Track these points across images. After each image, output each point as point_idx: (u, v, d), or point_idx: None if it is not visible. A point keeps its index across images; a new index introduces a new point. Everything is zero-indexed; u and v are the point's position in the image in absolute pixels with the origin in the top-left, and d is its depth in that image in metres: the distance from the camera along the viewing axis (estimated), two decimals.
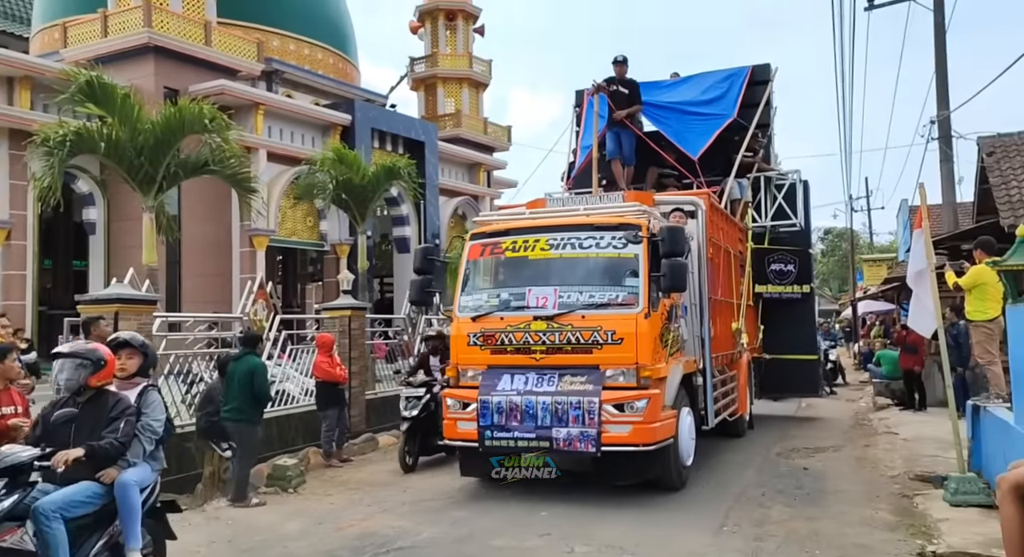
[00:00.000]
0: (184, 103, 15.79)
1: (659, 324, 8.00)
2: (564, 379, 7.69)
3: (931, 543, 5.79)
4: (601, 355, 7.69)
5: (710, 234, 9.52)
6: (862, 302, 25.63)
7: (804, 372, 12.95)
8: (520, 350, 7.85)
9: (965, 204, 19.04)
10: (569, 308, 7.79)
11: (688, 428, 8.41)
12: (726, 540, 6.26)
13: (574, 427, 7.51)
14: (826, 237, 45.18)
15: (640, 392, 7.58)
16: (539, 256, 8.11)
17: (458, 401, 7.93)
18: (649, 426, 7.53)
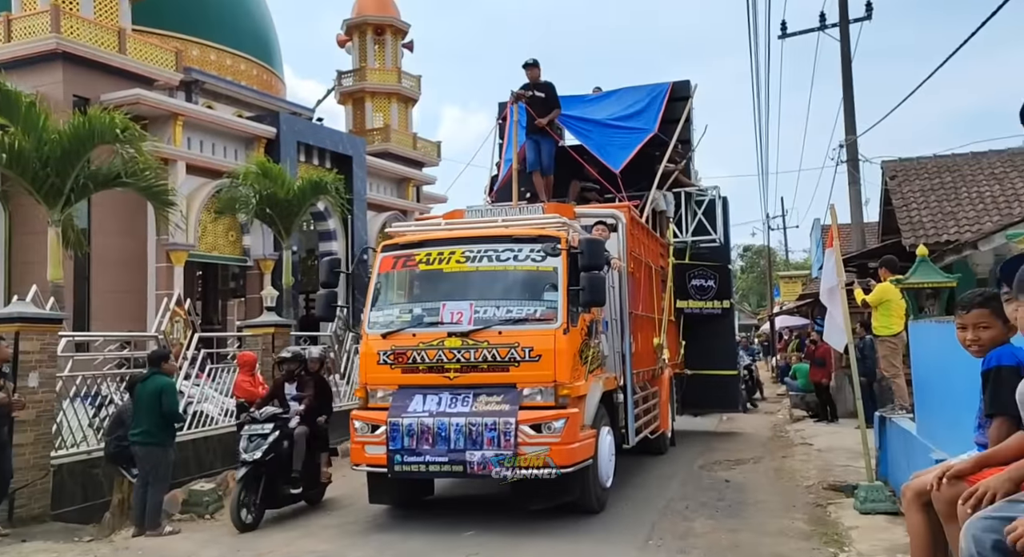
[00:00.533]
0: (94, 112, 14.91)
1: (578, 340, 7.59)
2: (479, 399, 7.20)
3: (842, 551, 5.89)
4: (518, 373, 7.24)
5: (631, 248, 9.18)
6: (779, 317, 26.04)
7: (724, 387, 12.75)
8: (433, 369, 7.33)
9: (872, 224, 19.69)
10: (485, 324, 7.32)
11: (608, 448, 8.00)
12: (651, 554, 6.26)
13: (489, 449, 7.02)
14: (745, 254, 45.96)
15: (558, 411, 7.15)
16: (454, 269, 7.61)
17: (366, 423, 7.35)
18: (567, 447, 7.09)
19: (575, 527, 7.13)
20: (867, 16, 17.22)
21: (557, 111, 10.63)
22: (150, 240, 23.78)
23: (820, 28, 17.77)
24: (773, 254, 39.83)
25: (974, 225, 13.25)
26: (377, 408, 7.40)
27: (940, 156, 16.24)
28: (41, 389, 8.13)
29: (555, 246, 7.30)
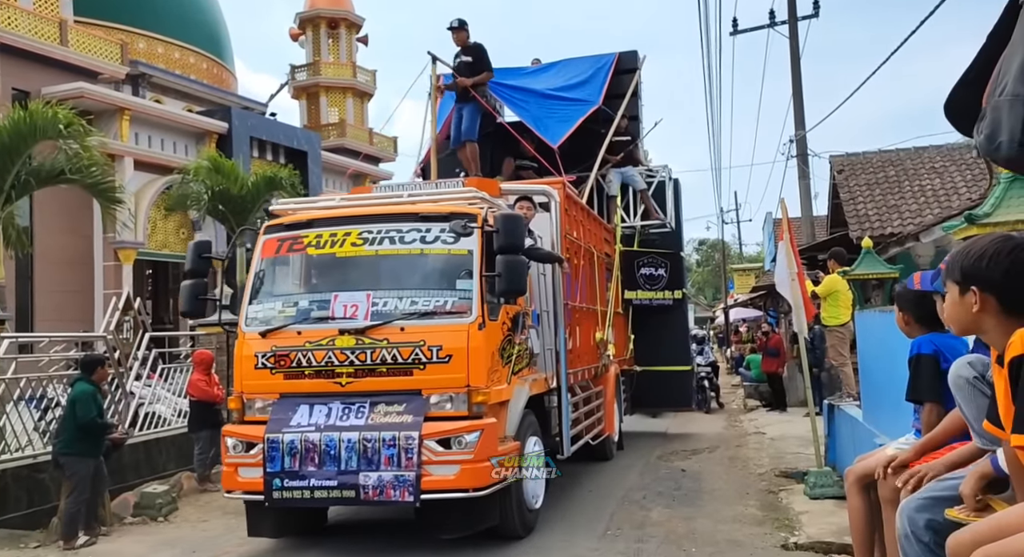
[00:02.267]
0: (36, 107, 13.75)
1: (499, 336, 6.08)
2: (376, 409, 5.66)
3: (793, 534, 5.87)
4: (424, 377, 5.71)
5: (567, 230, 7.67)
6: (733, 309, 25.04)
7: (677, 384, 11.28)
8: (322, 373, 5.77)
9: (821, 217, 19.65)
10: (385, 318, 5.77)
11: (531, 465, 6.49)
12: (609, 543, 6.07)
13: (387, 470, 5.48)
14: (701, 248, 44.82)
15: (472, 422, 5.64)
16: (349, 253, 6.05)
17: (240, 441, 5.76)
18: (482, 465, 5.58)
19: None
20: (815, 14, 16.95)
21: (487, 74, 9.04)
22: (96, 238, 22.05)
23: (770, 25, 17.41)
24: (727, 247, 38.93)
25: (916, 218, 13.32)
26: (254, 422, 5.82)
27: (884, 151, 16.35)
28: None
29: (466, 224, 5.76)
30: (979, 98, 1.81)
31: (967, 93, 1.91)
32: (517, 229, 5.67)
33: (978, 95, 1.81)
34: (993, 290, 2.18)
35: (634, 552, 5.79)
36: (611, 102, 10.57)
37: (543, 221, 7.28)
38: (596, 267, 9.15)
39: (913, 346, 3.43)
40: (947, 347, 3.28)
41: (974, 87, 1.84)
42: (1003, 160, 1.83)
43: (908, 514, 2.39)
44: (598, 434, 8.84)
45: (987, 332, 2.26)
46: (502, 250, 5.63)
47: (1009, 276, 2.14)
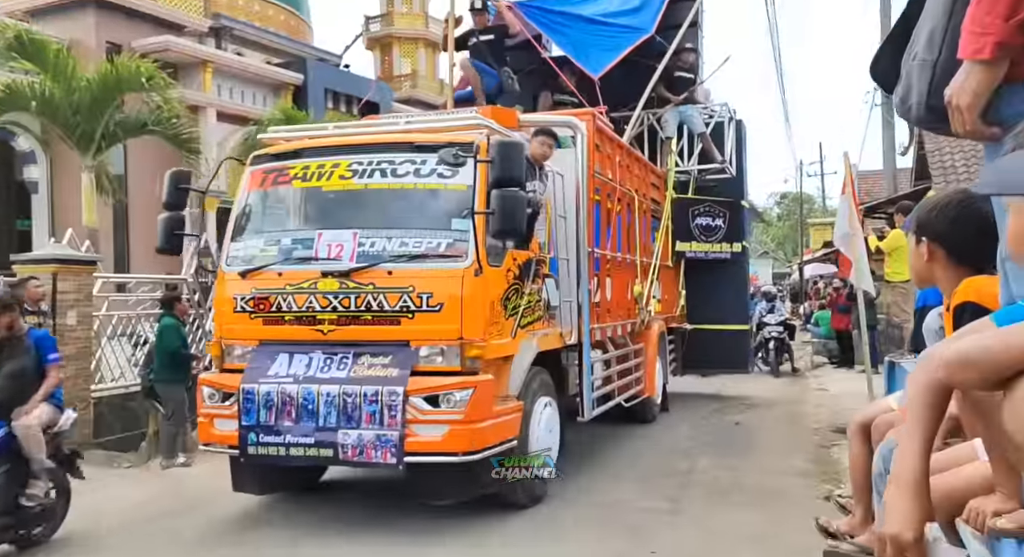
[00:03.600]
0: (121, 61, 14.07)
1: (502, 284, 5.30)
2: (360, 361, 5.01)
3: (838, 487, 5.56)
4: (413, 327, 5.01)
5: (596, 168, 6.75)
6: (810, 265, 23.47)
7: (733, 345, 10.23)
8: (302, 319, 5.13)
9: (907, 169, 18.04)
10: (372, 260, 5.07)
11: (546, 424, 5.74)
12: (652, 489, 5.98)
13: (368, 428, 4.84)
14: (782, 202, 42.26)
15: (464, 379, 4.92)
16: (337, 187, 5.34)
17: (217, 391, 5.19)
18: (473, 426, 4.87)
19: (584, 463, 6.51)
20: None
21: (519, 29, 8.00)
22: None
23: None
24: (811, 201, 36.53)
25: None
26: (233, 370, 5.26)
27: None
28: (79, 326, 8.20)
29: (455, 153, 4.94)
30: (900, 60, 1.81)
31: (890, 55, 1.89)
32: (514, 159, 4.82)
33: (899, 57, 1.81)
34: (940, 240, 2.22)
35: (675, 498, 5.66)
36: (667, 34, 9.40)
37: (567, 157, 6.39)
38: (638, 214, 8.19)
39: (920, 297, 3.48)
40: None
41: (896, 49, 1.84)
42: (913, 120, 1.86)
43: (883, 454, 2.37)
44: (635, 395, 8.01)
45: (938, 281, 2.30)
46: (497, 183, 4.81)
47: (954, 227, 2.16)
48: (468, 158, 4.87)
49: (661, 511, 5.38)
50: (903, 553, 1.40)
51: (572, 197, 6.35)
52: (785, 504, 5.42)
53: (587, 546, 4.79)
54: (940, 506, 1.63)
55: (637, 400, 8.08)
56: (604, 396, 7.15)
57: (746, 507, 5.42)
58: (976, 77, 1.51)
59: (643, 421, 8.47)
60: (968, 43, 1.51)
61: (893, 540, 1.40)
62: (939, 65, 1.65)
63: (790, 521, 4.86)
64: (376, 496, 5.90)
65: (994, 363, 1.31)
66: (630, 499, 5.66)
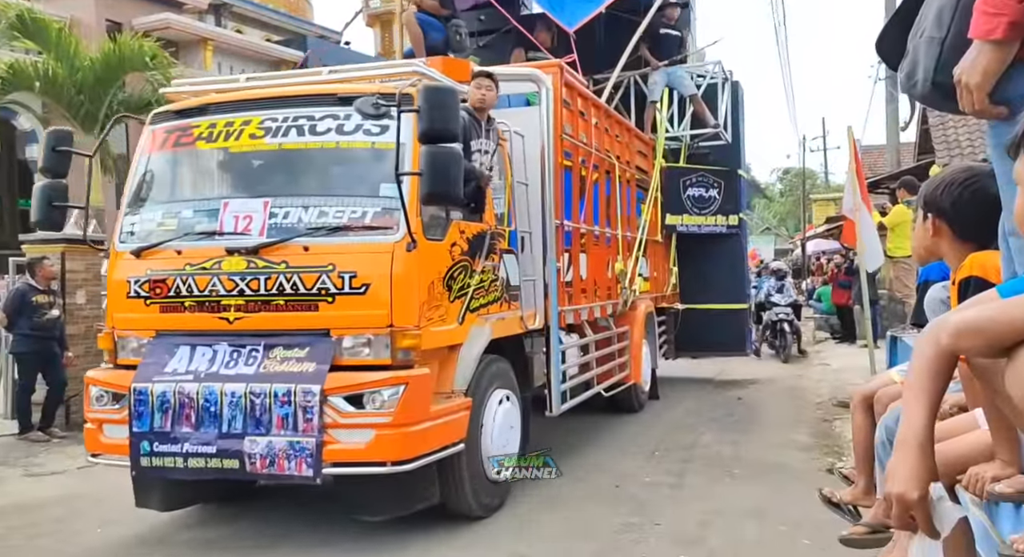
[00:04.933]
0: (124, 39, 13.73)
1: (444, 261, 4.42)
2: (272, 354, 4.13)
3: (840, 460, 5.46)
4: (333, 313, 4.12)
5: (566, 129, 5.82)
6: (812, 241, 22.49)
7: (729, 325, 9.31)
8: (205, 306, 4.25)
9: (910, 144, 17.57)
10: (285, 234, 4.18)
11: (503, 421, 4.86)
12: (656, 463, 5.95)
13: (280, 435, 3.98)
14: (784, 177, 40.86)
15: (394, 374, 4.04)
16: (246, 147, 4.43)
17: (106, 390, 4.33)
18: (404, 430, 4.00)
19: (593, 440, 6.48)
20: None
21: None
22: None
23: None
24: (814, 177, 35.32)
25: None
26: (128, 366, 4.39)
27: None
28: (88, 305, 8.19)
29: (377, 102, 4.00)
30: (906, 37, 1.79)
31: (896, 31, 1.84)
32: (447, 107, 3.89)
33: (906, 34, 1.79)
34: (945, 217, 2.26)
35: (678, 471, 5.61)
36: None
37: (530, 116, 5.46)
38: (620, 183, 7.26)
39: (922, 273, 3.48)
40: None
41: (903, 26, 1.80)
42: (918, 96, 1.81)
43: (886, 424, 2.32)
44: (619, 383, 7.13)
45: (944, 255, 2.35)
46: (426, 136, 3.89)
47: (958, 205, 2.19)
48: (391, 108, 3.95)
49: (664, 485, 5.28)
50: (908, 511, 1.39)
51: (536, 161, 5.43)
52: (787, 477, 5.34)
53: (593, 520, 4.58)
54: (942, 472, 1.59)
55: (621, 388, 7.20)
56: (582, 385, 6.28)
57: (748, 481, 5.34)
58: (987, 57, 1.48)
59: (629, 410, 7.59)
60: (980, 23, 1.47)
61: (899, 499, 1.39)
62: (947, 42, 1.61)
63: (792, 494, 4.79)
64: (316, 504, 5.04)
65: (998, 332, 1.33)
66: (634, 473, 5.52)
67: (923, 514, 1.38)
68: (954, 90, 1.58)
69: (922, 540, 1.58)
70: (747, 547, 4.15)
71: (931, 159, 12.46)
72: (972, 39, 1.52)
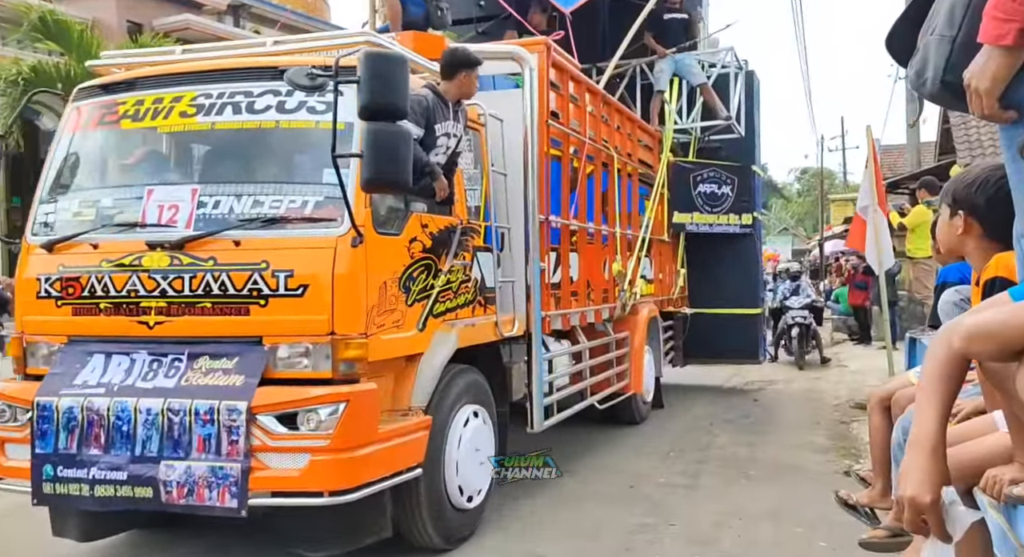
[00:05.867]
0: (144, 40, 14.09)
1: (401, 259, 3.78)
2: (196, 364, 3.50)
3: (857, 463, 5.17)
4: (267, 318, 3.49)
5: (552, 113, 5.13)
6: (831, 241, 21.56)
7: (741, 331, 8.53)
8: (122, 308, 3.63)
9: (930, 144, 17.25)
10: (214, 226, 3.56)
11: (471, 441, 4.19)
12: (671, 464, 5.76)
13: (200, 459, 3.35)
14: (802, 177, 39.59)
15: (334, 390, 3.40)
16: (175, 127, 3.80)
17: (9, 405, 3.71)
18: (344, 456, 3.35)
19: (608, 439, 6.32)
20: None
21: None
22: None
23: None
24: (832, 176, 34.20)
25: None
26: (37, 376, 3.78)
27: None
28: None
29: (311, 73, 3.34)
30: (916, 34, 1.73)
31: (907, 28, 1.78)
32: (392, 77, 3.22)
33: (916, 32, 1.73)
34: (977, 215, 2.22)
35: (693, 472, 5.50)
36: None
37: (512, 99, 4.79)
38: (620, 177, 6.56)
39: (940, 275, 3.53)
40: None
41: (913, 23, 1.74)
42: (927, 95, 1.76)
43: (904, 426, 2.28)
44: (617, 393, 6.43)
45: (969, 254, 2.29)
46: (367, 111, 3.23)
47: (992, 203, 2.14)
48: (327, 79, 3.30)
49: (679, 486, 5.16)
50: (920, 515, 1.39)
51: (518, 149, 4.75)
52: (804, 479, 5.24)
53: (606, 520, 4.46)
54: (959, 475, 1.59)
55: (619, 399, 6.50)
56: (573, 397, 5.61)
57: (764, 482, 5.23)
58: (996, 62, 1.44)
59: (629, 422, 6.89)
60: (990, 28, 1.43)
61: (911, 502, 1.38)
62: (958, 41, 1.56)
63: (809, 496, 4.69)
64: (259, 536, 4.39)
65: (1010, 336, 1.31)
66: (648, 473, 5.41)
67: (935, 518, 1.36)
68: (964, 90, 1.54)
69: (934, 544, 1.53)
70: (762, 548, 4.04)
71: (952, 159, 11.85)
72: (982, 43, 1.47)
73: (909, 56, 1.75)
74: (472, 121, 4.47)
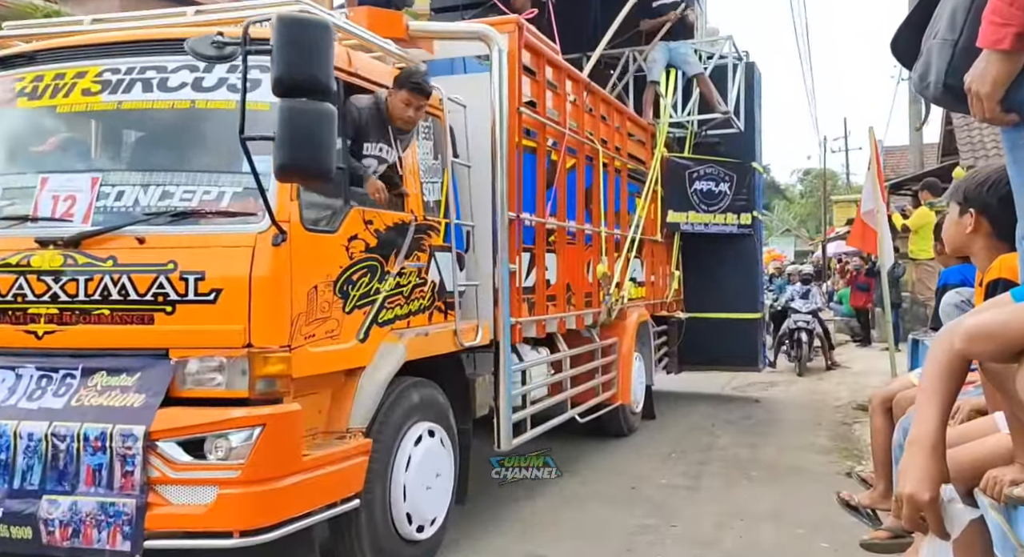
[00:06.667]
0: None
1: (335, 259, 3.23)
2: (91, 381, 2.95)
3: (859, 464, 5.07)
4: (174, 327, 2.93)
5: (524, 100, 4.55)
6: (833, 243, 20.94)
7: (740, 336, 7.92)
8: (8, 315, 3.07)
9: (933, 145, 16.50)
10: (115, 221, 3.00)
11: (422, 466, 3.62)
12: (672, 465, 5.63)
13: (89, 493, 2.80)
14: (805, 178, 38.73)
15: (247, 412, 2.84)
16: (77, 107, 3.25)
17: None
18: (258, 489, 2.80)
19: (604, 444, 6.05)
20: None
21: None
22: None
23: None
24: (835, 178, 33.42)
25: None
26: None
27: None
28: None
29: (215, 41, 2.77)
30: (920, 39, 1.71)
31: (910, 33, 1.76)
32: (310, 47, 2.65)
33: (920, 36, 1.71)
34: (987, 214, 2.21)
35: (695, 473, 5.41)
36: None
37: (478, 83, 4.21)
38: (608, 173, 5.97)
39: (942, 277, 3.42)
40: (974, 277, 2.70)
41: (917, 28, 1.72)
42: (931, 98, 1.73)
43: (905, 427, 2.28)
44: (603, 404, 5.85)
45: (976, 254, 2.28)
46: (280, 86, 2.66)
47: (1004, 203, 2.03)
48: (235, 49, 2.73)
49: (680, 487, 5.08)
50: (919, 513, 1.37)
51: (484, 139, 4.17)
52: (805, 480, 5.19)
53: (608, 521, 4.38)
54: (960, 476, 1.60)
55: (605, 410, 5.92)
56: (556, 408, 5.05)
57: (766, 483, 5.16)
58: (995, 66, 1.43)
59: (616, 435, 6.30)
60: (988, 33, 1.43)
61: (909, 500, 1.37)
62: (959, 45, 1.54)
63: (811, 497, 4.64)
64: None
65: (1010, 337, 1.31)
66: (649, 475, 5.32)
67: (934, 515, 1.35)
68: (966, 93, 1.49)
69: (932, 541, 1.51)
70: (764, 550, 3.99)
71: (955, 161, 11.44)
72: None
73: (913, 60, 1.72)
74: (431, 106, 3.91)
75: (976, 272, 2.30)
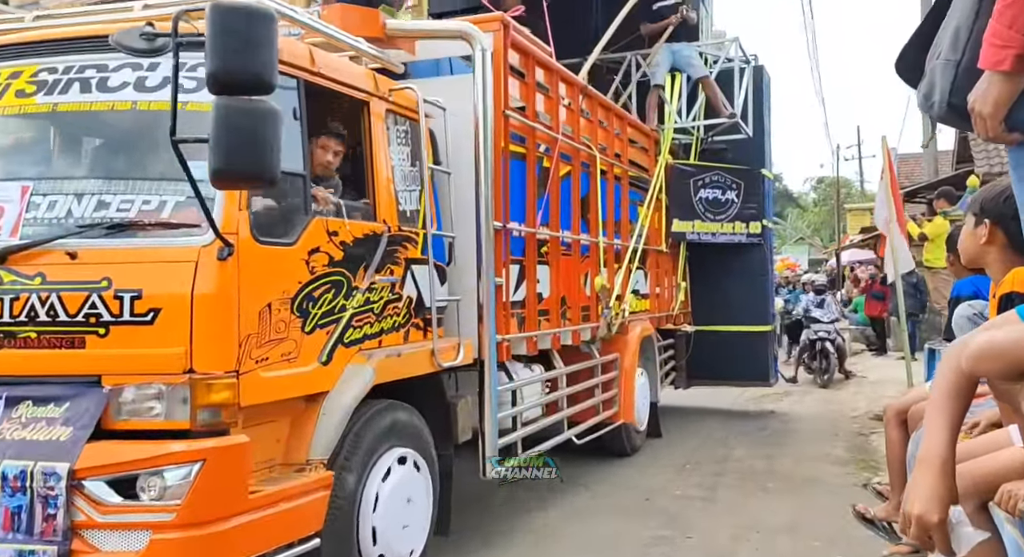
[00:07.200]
0: None
1: (294, 274, 2.89)
2: (15, 412, 2.61)
3: (876, 475, 4.90)
4: (107, 351, 2.60)
5: (512, 103, 4.20)
6: (848, 251, 20.37)
7: (749, 350, 7.48)
8: None
9: (947, 152, 16.13)
10: (44, 234, 2.68)
11: (393, 500, 3.25)
12: (687, 476, 5.49)
13: (6, 540, 2.47)
14: (818, 186, 38.00)
15: (187, 446, 2.49)
16: (10, 109, 2.94)
17: None
18: (196, 533, 2.45)
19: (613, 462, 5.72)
20: None
21: None
22: None
23: None
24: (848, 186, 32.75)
25: None
26: None
27: None
28: None
29: (144, 32, 2.46)
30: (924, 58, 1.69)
31: (914, 53, 1.76)
32: (248, 37, 2.32)
33: (924, 55, 1.69)
34: (1003, 225, 2.18)
35: (711, 485, 5.28)
36: None
37: (460, 85, 3.87)
38: (607, 180, 5.60)
39: (955, 288, 3.37)
40: (987, 289, 2.68)
41: (920, 48, 1.72)
42: (936, 117, 1.73)
43: (918, 440, 2.02)
44: (603, 424, 5.47)
45: (990, 265, 2.27)
46: (215, 81, 2.33)
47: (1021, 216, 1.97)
48: (166, 41, 2.41)
49: (696, 499, 4.95)
50: (927, 533, 1.35)
51: (467, 144, 3.82)
52: (822, 492, 5.06)
53: (622, 533, 4.26)
54: (974, 490, 1.59)
55: (606, 430, 5.52)
56: (551, 429, 4.68)
57: (782, 495, 5.04)
58: (997, 87, 1.43)
59: (619, 454, 5.90)
60: (989, 54, 1.43)
61: (918, 520, 1.35)
62: (961, 65, 1.53)
63: (827, 509, 4.54)
64: None
65: (1018, 356, 1.30)
66: (664, 487, 5.20)
67: (941, 536, 1.34)
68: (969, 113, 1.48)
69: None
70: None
71: (970, 168, 11.18)
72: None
73: (918, 79, 1.71)
74: (407, 109, 3.58)
75: (991, 284, 2.27)
